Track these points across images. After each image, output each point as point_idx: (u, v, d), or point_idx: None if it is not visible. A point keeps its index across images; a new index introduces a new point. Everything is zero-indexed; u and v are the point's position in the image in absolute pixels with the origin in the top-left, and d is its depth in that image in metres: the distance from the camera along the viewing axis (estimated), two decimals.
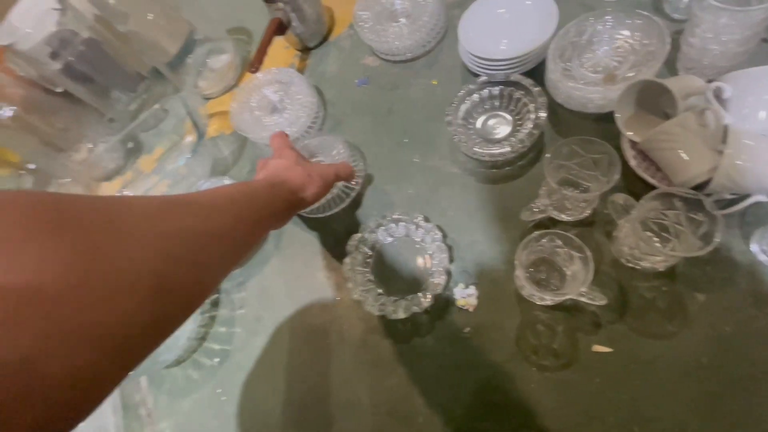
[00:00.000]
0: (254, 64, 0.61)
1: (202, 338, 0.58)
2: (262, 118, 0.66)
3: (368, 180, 0.59)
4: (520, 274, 0.40)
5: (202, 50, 0.81)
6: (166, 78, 0.82)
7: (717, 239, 0.34)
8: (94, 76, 0.77)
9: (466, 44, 0.56)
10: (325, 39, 0.74)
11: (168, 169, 0.72)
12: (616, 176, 0.39)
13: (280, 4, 0.65)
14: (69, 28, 0.68)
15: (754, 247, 0.41)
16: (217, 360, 0.57)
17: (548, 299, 0.40)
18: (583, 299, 0.39)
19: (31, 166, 0.81)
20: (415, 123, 0.61)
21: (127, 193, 0.76)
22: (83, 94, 0.78)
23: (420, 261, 0.52)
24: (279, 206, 0.41)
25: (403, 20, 0.65)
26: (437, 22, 0.62)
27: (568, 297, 0.39)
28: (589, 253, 0.37)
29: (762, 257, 0.40)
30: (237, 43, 0.81)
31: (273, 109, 0.67)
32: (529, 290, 0.41)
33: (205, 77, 0.80)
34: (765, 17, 0.39)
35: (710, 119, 0.39)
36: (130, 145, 0.81)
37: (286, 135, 0.52)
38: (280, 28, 0.65)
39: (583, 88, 0.48)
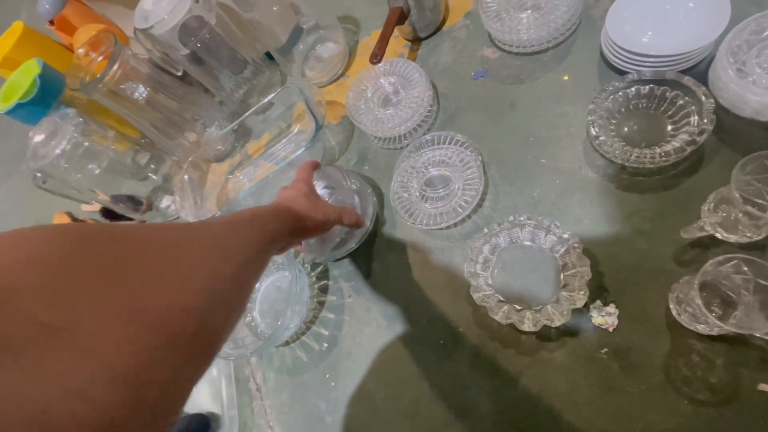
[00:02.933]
0: (377, 54, 0.61)
1: (311, 321, 0.60)
2: (375, 109, 0.65)
3: (486, 181, 0.57)
4: (691, 299, 0.37)
5: (311, 38, 0.82)
6: (276, 65, 0.85)
7: None
8: (210, 61, 0.81)
9: (614, 35, 0.51)
10: (438, 29, 0.71)
11: (278, 157, 0.74)
12: None
13: None
14: (198, 15, 0.71)
15: None
16: (326, 345, 0.58)
17: (726, 326, 0.36)
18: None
19: (148, 142, 0.87)
20: (543, 120, 0.57)
21: (237, 174, 0.79)
22: (201, 76, 0.82)
23: (549, 271, 0.49)
24: (282, 231, 0.42)
25: (531, 11, 0.61)
26: (574, 13, 0.57)
27: (747, 329, 0.35)
28: None
29: None
30: (345, 31, 0.81)
31: (387, 101, 0.66)
32: (695, 317, 0.37)
33: (312, 66, 0.81)
34: None
35: None
36: (236, 128, 0.84)
37: (314, 167, 0.56)
38: (401, 17, 0.64)
39: (763, 92, 0.42)
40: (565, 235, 0.47)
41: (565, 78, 0.58)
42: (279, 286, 0.64)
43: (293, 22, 0.84)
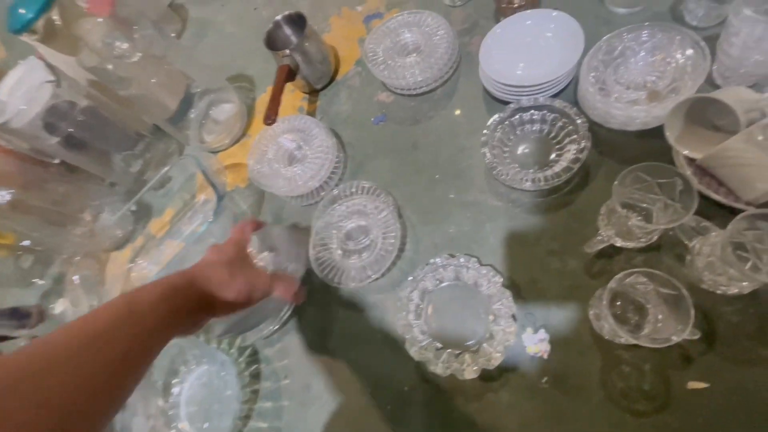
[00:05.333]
0: (270, 115, 0.58)
1: (247, 416, 0.54)
2: (281, 170, 0.62)
3: (404, 225, 0.56)
4: (605, 316, 0.37)
5: (204, 102, 0.78)
6: (169, 135, 0.79)
7: None
8: (93, 143, 0.73)
9: (489, 72, 0.54)
10: (332, 79, 0.72)
11: (186, 233, 0.67)
12: (694, 206, 0.36)
13: (287, 51, 0.63)
14: (66, 99, 0.64)
15: None
16: None
17: (641, 342, 0.37)
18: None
19: (27, 243, 0.75)
20: (445, 158, 0.58)
21: (141, 261, 0.71)
22: (83, 162, 0.74)
23: (478, 307, 0.48)
24: (177, 315, 0.38)
25: (414, 55, 0.63)
26: (452, 53, 0.60)
27: (664, 342, 0.36)
28: (685, 292, 0.34)
29: None
30: (240, 91, 0.79)
31: (291, 159, 0.64)
32: (614, 332, 0.38)
33: (210, 130, 0.77)
34: None
35: (763, 138, 0.37)
36: (134, 208, 0.76)
37: (255, 226, 0.50)
38: (289, 74, 0.63)
39: (625, 107, 0.47)
40: (484, 270, 0.47)
41: (457, 113, 0.60)
42: (205, 383, 0.57)
43: (182, 88, 0.80)
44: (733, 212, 0.38)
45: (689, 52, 0.46)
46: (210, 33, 0.92)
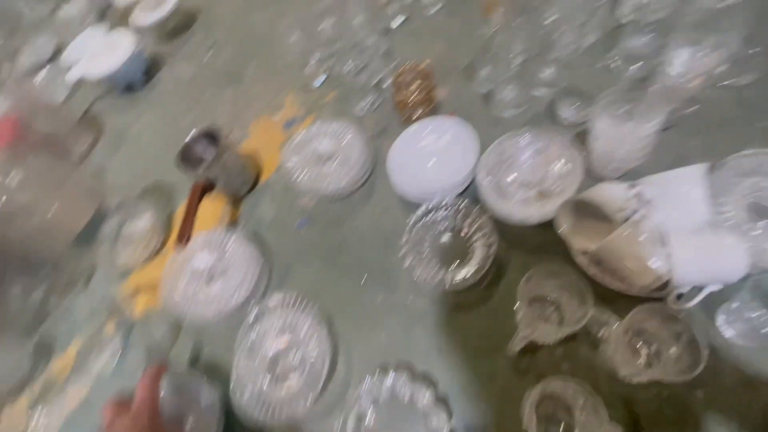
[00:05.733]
0: (182, 238, 0.56)
1: None
2: (198, 292, 0.58)
3: (333, 339, 0.54)
4: (530, 423, 0.37)
5: (116, 219, 0.74)
6: (78, 256, 0.73)
7: (702, 363, 0.34)
8: None
9: (398, 178, 0.57)
10: (255, 185, 0.72)
11: (92, 372, 0.59)
12: (590, 312, 0.39)
13: (200, 169, 0.62)
14: None
15: (725, 330, 0.42)
16: None
17: None
18: None
19: None
20: (370, 258, 0.58)
21: (39, 412, 0.61)
22: None
23: (417, 425, 0.46)
24: None
25: (330, 163, 0.65)
26: (366, 158, 0.63)
27: None
28: (599, 398, 0.35)
29: (729, 333, 0.42)
30: (156, 203, 0.76)
31: (210, 277, 0.60)
32: None
33: (124, 248, 0.72)
34: (656, 130, 0.45)
35: (643, 226, 0.42)
36: (29, 350, 0.66)
37: (159, 374, 0.44)
38: (204, 191, 0.62)
39: (521, 208, 0.51)
40: (417, 384, 0.46)
41: (378, 213, 0.62)
42: None
43: (93, 206, 0.75)
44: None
45: (566, 152, 0.52)
46: (125, 143, 0.90)
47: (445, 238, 0.56)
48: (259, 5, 1.01)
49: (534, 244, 0.52)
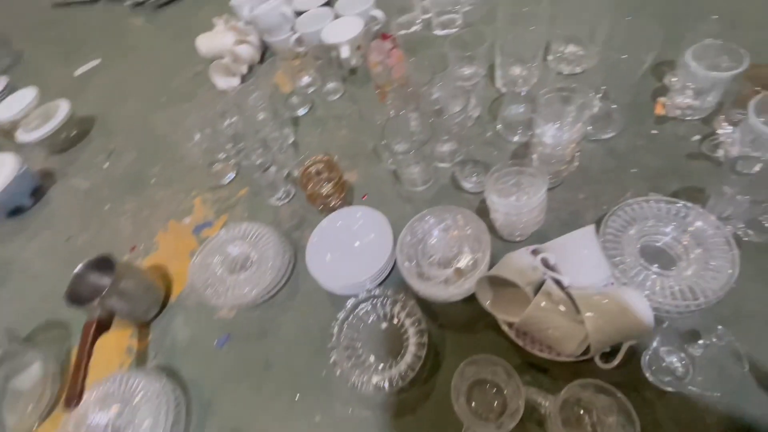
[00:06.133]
0: (72, 397, 0.47)
1: None
2: None
3: None
4: None
5: (2, 371, 0.62)
6: None
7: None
8: None
9: (320, 278, 0.55)
10: (165, 304, 0.65)
11: None
12: (521, 403, 0.37)
13: (95, 302, 0.55)
14: None
15: (653, 380, 0.43)
16: None
17: None
18: None
19: None
20: (301, 370, 0.53)
21: None
22: None
23: None
24: None
25: (246, 267, 0.61)
26: (284, 255, 0.60)
27: None
28: None
29: (656, 382, 0.43)
30: (48, 347, 0.65)
31: None
32: None
33: (12, 408, 0.60)
34: (541, 201, 0.48)
35: (555, 294, 0.43)
36: None
37: None
38: (101, 328, 0.54)
39: (443, 288, 0.50)
40: None
41: (303, 314, 0.58)
42: None
43: None
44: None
45: (472, 224, 0.54)
46: (12, 275, 0.79)
47: (378, 330, 0.53)
48: (157, 106, 0.99)
49: (464, 320, 0.51)
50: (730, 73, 0.54)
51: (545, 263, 0.46)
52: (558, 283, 0.45)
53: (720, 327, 0.42)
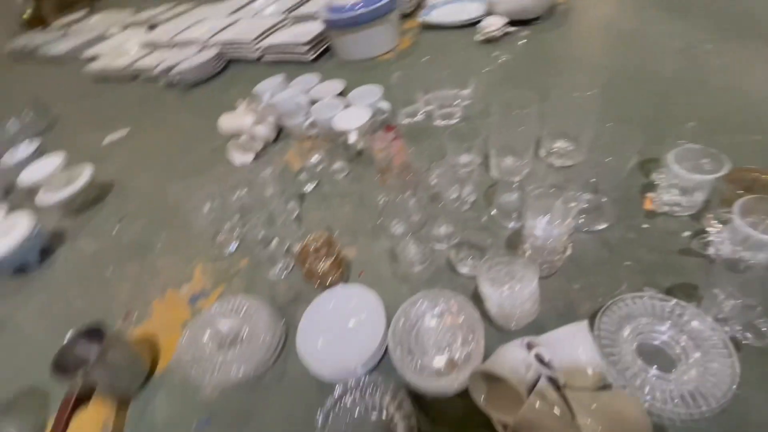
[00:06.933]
0: None
1: None
2: None
3: None
4: None
5: None
6: None
7: None
8: None
9: (310, 365, 0.54)
10: (149, 377, 0.62)
11: None
12: None
13: (78, 373, 0.53)
14: None
15: None
16: None
17: None
18: None
19: None
20: None
21: None
22: None
23: None
24: None
25: (235, 345, 0.60)
26: (275, 334, 0.60)
27: None
28: None
29: None
30: (24, 418, 0.62)
31: None
32: None
33: None
34: (532, 293, 0.48)
35: (550, 396, 0.41)
36: None
37: None
38: (78, 403, 0.52)
39: (435, 381, 0.48)
40: None
41: (290, 402, 0.55)
42: None
43: None
44: None
45: (466, 311, 0.54)
46: (5, 335, 0.77)
47: (366, 423, 0.50)
48: (175, 177, 1.05)
49: (458, 415, 0.49)
50: (713, 176, 0.57)
51: (539, 359, 0.45)
52: (553, 380, 0.43)
53: None
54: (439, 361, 0.51)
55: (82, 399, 0.53)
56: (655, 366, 0.46)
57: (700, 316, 0.47)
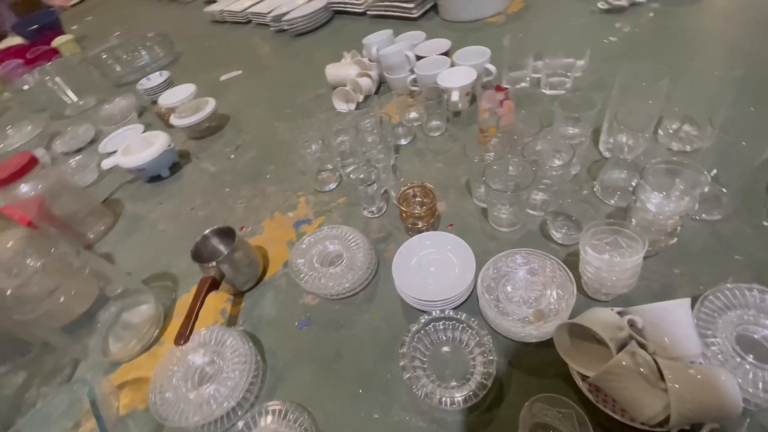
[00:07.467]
0: (183, 335, 0.56)
1: None
2: (189, 394, 0.56)
3: None
4: None
5: (117, 305, 0.74)
6: (72, 340, 0.71)
7: None
8: None
9: (401, 287, 0.60)
10: (260, 280, 0.74)
11: None
12: None
13: (213, 263, 0.65)
14: None
15: None
16: None
17: None
18: None
19: None
20: (368, 368, 0.58)
21: None
22: None
23: None
24: None
25: (336, 264, 0.68)
26: (370, 261, 0.67)
27: None
28: None
29: None
30: (161, 291, 0.77)
31: (202, 378, 0.59)
32: None
33: (119, 336, 0.71)
34: (636, 264, 0.49)
35: (640, 355, 0.43)
36: None
37: None
38: (212, 286, 0.64)
39: (519, 326, 0.52)
40: None
41: (378, 318, 0.63)
42: None
43: (94, 293, 0.76)
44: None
45: (559, 273, 0.56)
46: (141, 229, 0.94)
47: (446, 350, 0.56)
48: (284, 117, 1.15)
49: (534, 364, 0.52)
50: None
51: (632, 325, 0.46)
52: (643, 347, 0.45)
53: None
54: (526, 311, 0.54)
55: (214, 285, 0.65)
56: (752, 356, 0.46)
57: None
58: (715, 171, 0.62)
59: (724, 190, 0.62)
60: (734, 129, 0.61)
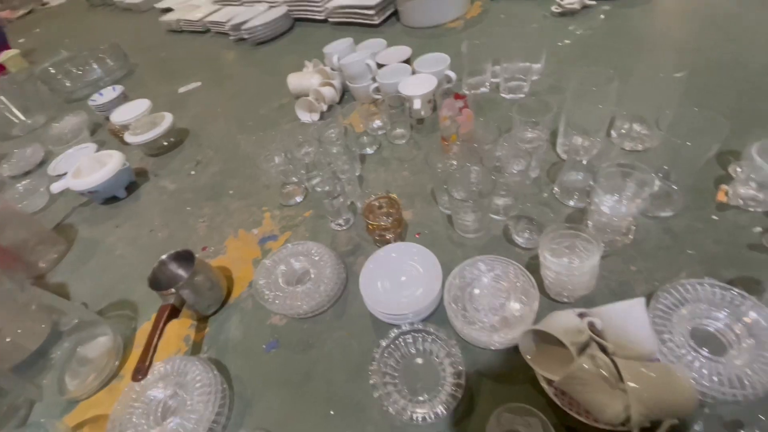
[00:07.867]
0: (140, 370, 0.53)
1: None
2: (150, 431, 0.54)
3: None
4: None
5: (71, 341, 0.70)
6: (23, 382, 0.66)
7: None
8: None
9: (369, 302, 0.59)
10: (224, 303, 0.71)
11: None
12: None
13: (172, 289, 0.62)
14: None
15: None
16: None
17: None
18: None
19: None
20: (338, 387, 0.57)
21: None
22: None
23: None
24: None
25: (303, 284, 0.67)
26: (338, 277, 0.66)
27: None
28: None
29: None
30: (120, 321, 0.73)
31: (165, 412, 0.56)
32: None
33: (75, 372, 0.67)
34: (593, 266, 0.50)
35: (599, 358, 0.44)
36: None
37: None
38: (172, 314, 0.61)
39: (486, 334, 0.52)
40: None
41: (347, 335, 0.62)
42: None
43: (47, 328, 0.71)
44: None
45: (522, 278, 0.56)
46: (97, 255, 0.90)
47: (417, 363, 0.55)
48: (247, 129, 1.12)
49: (503, 370, 0.53)
50: None
51: (591, 327, 0.47)
52: (602, 349, 0.46)
53: (764, 419, 0.41)
54: (492, 318, 0.55)
55: (174, 312, 0.62)
56: (706, 349, 0.47)
57: (760, 309, 0.48)
58: (666, 168, 0.65)
59: (675, 187, 0.65)
60: (681, 128, 0.64)
